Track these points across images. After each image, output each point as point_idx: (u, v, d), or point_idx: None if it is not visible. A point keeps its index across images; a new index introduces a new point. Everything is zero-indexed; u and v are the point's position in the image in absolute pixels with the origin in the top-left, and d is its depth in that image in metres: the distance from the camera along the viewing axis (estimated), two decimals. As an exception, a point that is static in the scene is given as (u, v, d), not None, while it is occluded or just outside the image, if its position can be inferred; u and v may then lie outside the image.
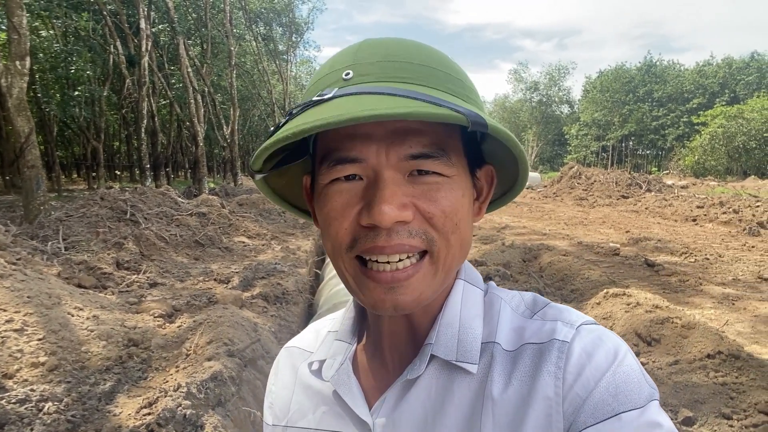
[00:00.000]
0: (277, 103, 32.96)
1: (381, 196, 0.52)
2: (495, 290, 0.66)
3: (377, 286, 0.54)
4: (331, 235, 0.57)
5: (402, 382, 0.61)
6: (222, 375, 2.79)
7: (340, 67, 0.56)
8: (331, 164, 0.56)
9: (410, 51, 0.56)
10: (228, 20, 18.64)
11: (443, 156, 0.55)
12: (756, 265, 7.00)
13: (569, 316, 0.60)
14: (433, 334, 0.61)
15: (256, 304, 4.93)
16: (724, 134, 36.99)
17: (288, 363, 0.76)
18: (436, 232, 0.55)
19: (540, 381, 0.55)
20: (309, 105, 0.53)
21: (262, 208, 13.01)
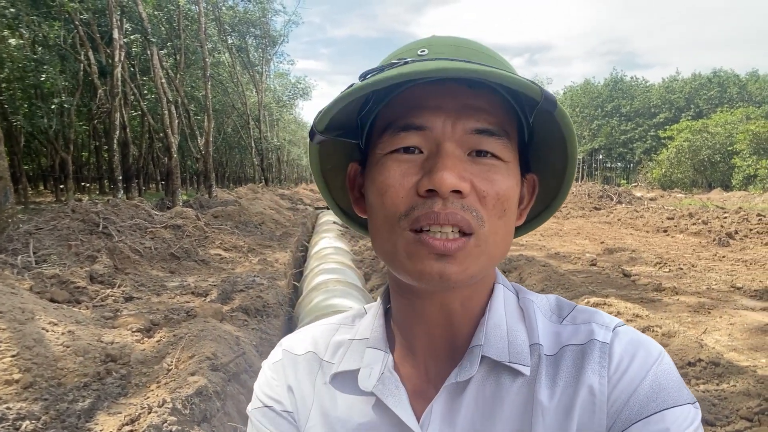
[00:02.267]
0: (251, 114, 32.73)
1: (443, 163, 0.53)
2: (526, 294, 0.67)
3: (428, 254, 0.53)
4: (386, 203, 0.56)
5: (450, 385, 0.59)
6: (207, 390, 2.71)
7: (414, 48, 0.58)
8: (395, 131, 0.56)
9: (478, 44, 0.59)
10: (202, 31, 18.49)
11: (505, 137, 0.56)
12: (728, 274, 7.18)
13: (601, 318, 0.61)
14: (481, 335, 0.60)
15: (237, 317, 4.83)
16: (690, 148, 38.12)
17: (307, 369, 0.69)
18: (486, 212, 0.55)
19: (584, 380, 0.56)
20: (385, 67, 0.53)
21: (238, 221, 12.83)
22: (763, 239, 10.37)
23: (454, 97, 0.54)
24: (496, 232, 0.56)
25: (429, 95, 0.55)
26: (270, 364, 0.71)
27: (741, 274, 7.14)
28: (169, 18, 19.76)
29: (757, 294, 5.92)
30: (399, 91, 0.57)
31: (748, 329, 4.66)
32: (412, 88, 0.56)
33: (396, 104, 0.57)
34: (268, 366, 0.72)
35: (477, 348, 0.59)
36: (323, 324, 0.73)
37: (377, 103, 0.59)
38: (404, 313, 0.63)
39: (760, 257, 8.45)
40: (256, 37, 32.20)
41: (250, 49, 31.92)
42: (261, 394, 0.70)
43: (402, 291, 0.62)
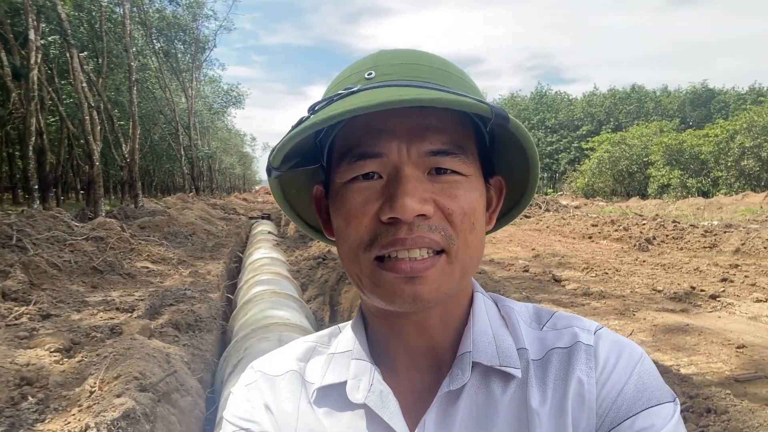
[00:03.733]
0: (181, 121, 31.62)
1: (403, 189, 0.52)
2: (506, 302, 0.67)
3: (396, 278, 0.53)
4: (350, 234, 0.55)
5: (443, 395, 0.58)
6: (135, 412, 2.53)
7: (361, 69, 0.57)
8: (352, 160, 0.55)
9: (428, 57, 0.59)
10: (127, 34, 17.69)
11: (462, 154, 0.56)
12: (649, 278, 7.60)
13: (581, 322, 0.63)
14: (468, 342, 0.59)
15: (167, 333, 4.59)
16: (610, 159, 40.35)
17: (289, 389, 0.65)
18: (454, 230, 0.54)
19: (572, 380, 0.58)
20: (334, 98, 0.53)
21: (167, 231, 12.30)
22: (678, 244, 11.09)
23: (405, 119, 0.54)
24: (467, 247, 0.56)
25: (380, 119, 0.54)
26: (242, 386, 0.67)
27: (660, 278, 7.58)
28: (90, 19, 18.76)
29: (676, 296, 6.30)
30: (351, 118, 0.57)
31: (669, 330, 4.93)
32: (364, 114, 0.54)
33: (349, 130, 0.57)
34: (239, 388, 0.67)
35: (467, 355, 0.59)
36: (299, 343, 0.70)
37: (331, 128, 0.60)
38: (381, 333, 0.63)
39: (676, 261, 9.02)
40: (185, 42, 31.22)
41: (179, 54, 30.87)
42: (233, 418, 0.65)
43: (376, 312, 0.61)
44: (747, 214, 18.24)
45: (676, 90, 61.82)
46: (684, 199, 27.36)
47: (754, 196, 24.25)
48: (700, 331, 4.83)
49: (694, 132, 36.89)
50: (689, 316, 5.48)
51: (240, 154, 79.35)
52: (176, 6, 28.26)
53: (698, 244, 10.74)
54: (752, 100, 45.14)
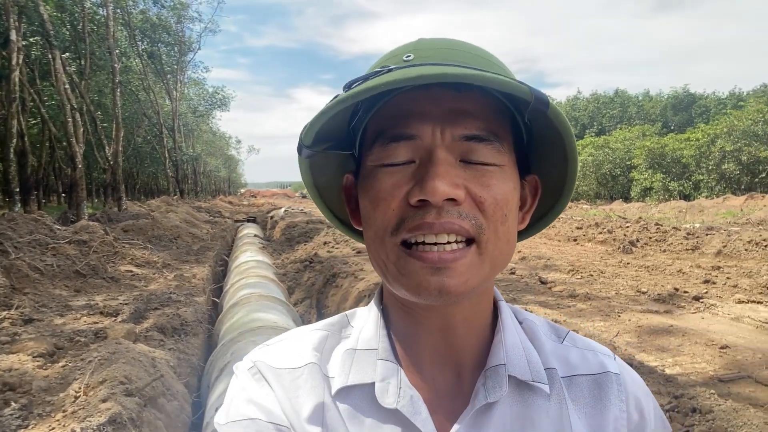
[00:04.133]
0: (165, 124, 31.32)
1: (434, 171, 0.50)
2: (525, 314, 0.67)
3: (423, 267, 0.51)
4: (377, 217, 0.54)
5: (480, 407, 0.56)
6: (121, 417, 2.49)
7: (400, 53, 0.56)
8: (385, 142, 0.54)
9: (468, 44, 0.57)
10: (110, 35, 17.51)
11: (497, 141, 0.54)
12: (633, 279, 7.68)
13: (596, 345, 0.66)
14: (502, 355, 0.58)
15: (152, 337, 4.53)
16: (594, 162, 40.80)
17: (310, 384, 0.60)
18: (485, 219, 0.53)
19: (610, 413, 0.60)
20: (369, 76, 0.51)
21: (151, 235, 12.17)
22: (661, 246, 11.23)
23: (441, 102, 0.53)
24: (498, 239, 0.54)
25: (416, 102, 0.53)
26: (246, 379, 0.61)
27: (644, 279, 7.67)
28: (72, 20, 18.53)
29: (660, 298, 6.37)
30: (387, 99, 0.55)
31: (654, 331, 4.98)
32: (399, 96, 0.54)
33: (384, 113, 0.55)
34: (242, 381, 0.62)
35: (502, 367, 0.58)
36: (309, 332, 0.66)
37: (366, 112, 0.58)
38: (406, 326, 0.60)
39: (659, 263, 9.13)
40: (169, 44, 30.96)
41: (163, 56, 30.60)
42: (242, 403, 0.59)
43: (401, 303, 0.60)
44: (728, 217, 18.54)
45: (658, 94, 62.73)
46: (666, 202, 27.75)
47: (734, 199, 24.66)
48: (684, 332, 4.89)
49: (676, 136, 37.43)
50: (673, 318, 5.55)
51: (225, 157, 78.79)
52: (161, 8, 28.04)
53: (681, 246, 10.89)
54: (732, 105, 45.88)
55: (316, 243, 12.16)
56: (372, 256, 0.57)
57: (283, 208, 26.95)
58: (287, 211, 23.93)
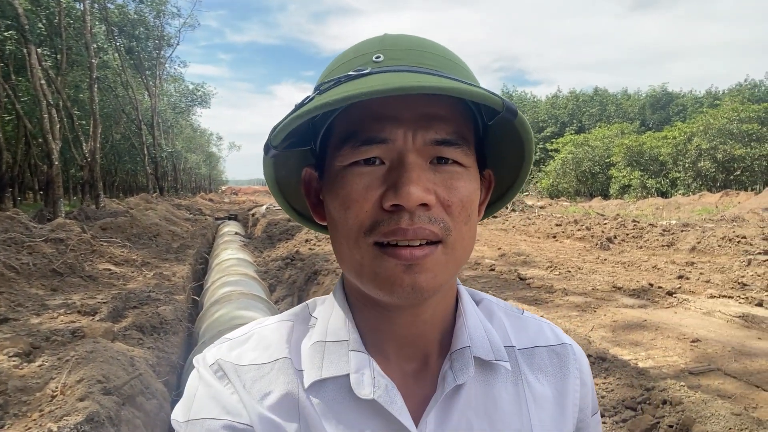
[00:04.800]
0: (144, 120, 30.90)
1: (408, 177, 0.52)
2: (482, 295, 0.71)
3: (396, 265, 0.53)
4: (349, 218, 0.55)
5: (450, 389, 0.59)
6: (99, 415, 2.49)
7: (367, 52, 0.56)
8: (356, 144, 0.54)
9: (432, 44, 0.58)
10: (87, 30, 17.21)
11: (464, 145, 0.56)
12: (609, 275, 7.82)
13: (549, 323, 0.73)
14: (465, 338, 0.61)
15: (131, 336, 4.50)
16: (573, 160, 41.24)
17: (283, 379, 0.60)
18: (452, 221, 0.55)
19: (569, 380, 0.66)
20: (342, 80, 0.52)
21: (130, 233, 12.02)
22: (637, 243, 11.43)
23: (413, 106, 0.54)
24: (462, 238, 0.56)
25: (388, 106, 0.54)
26: (209, 376, 0.60)
27: (620, 275, 7.81)
28: (48, 15, 18.18)
29: (635, 293, 6.51)
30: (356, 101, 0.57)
31: (628, 325, 5.09)
32: (370, 99, 0.54)
33: (354, 114, 0.56)
34: (206, 379, 0.60)
35: (467, 350, 0.60)
36: (275, 324, 0.65)
37: (331, 111, 0.58)
38: (371, 321, 0.62)
39: (636, 259, 9.30)
40: (148, 39, 30.50)
41: (142, 52, 30.15)
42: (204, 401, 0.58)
43: (368, 302, 0.61)
44: (703, 214, 18.93)
45: (637, 93, 63.59)
46: (644, 199, 28.18)
47: (710, 196, 25.14)
48: (657, 327, 5.01)
49: (654, 134, 38.00)
50: (647, 312, 5.67)
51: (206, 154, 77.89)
52: (139, 2, 27.63)
53: (657, 242, 11.10)
54: (709, 104, 46.66)
55: (298, 240, 12.15)
56: (343, 256, 0.57)
57: (265, 205, 26.80)
58: (269, 208, 23.79)
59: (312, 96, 0.53)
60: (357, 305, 0.63)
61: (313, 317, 0.65)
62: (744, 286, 6.83)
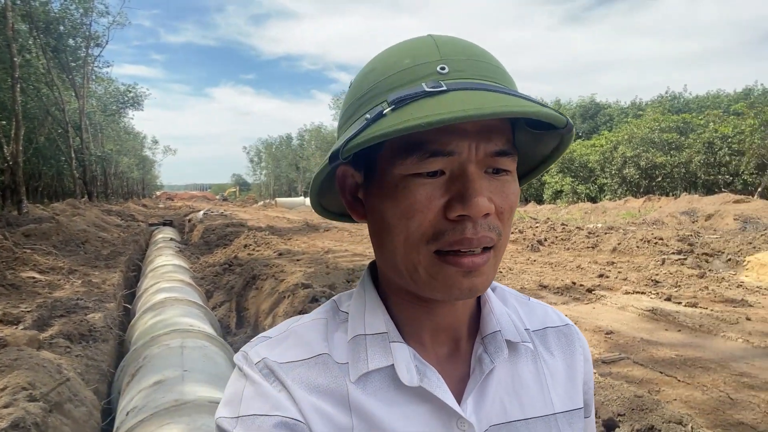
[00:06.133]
0: (71, 122, 29.44)
1: (474, 188, 0.54)
2: (496, 284, 0.75)
3: (457, 272, 0.56)
4: (411, 226, 0.56)
5: (487, 372, 0.63)
6: (25, 421, 2.45)
7: (428, 60, 0.56)
8: (424, 156, 0.55)
9: (483, 52, 0.60)
10: (9, 27, 16.31)
11: (514, 153, 0.59)
12: (537, 275, 8.24)
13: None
14: (495, 323, 0.66)
15: (57, 344, 4.37)
16: (509, 166, 42.49)
17: (326, 373, 0.62)
18: (503, 226, 0.58)
19: (576, 357, 0.72)
20: (419, 95, 0.52)
21: (56, 240, 11.49)
22: (565, 245, 12.05)
23: (477, 120, 0.52)
24: (506, 239, 0.60)
25: (495, 117, 0.53)
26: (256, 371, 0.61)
27: (547, 275, 8.25)
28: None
29: (559, 290, 6.92)
30: None
31: (552, 321, 5.43)
32: None
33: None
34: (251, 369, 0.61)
35: (498, 334, 0.65)
36: (309, 322, 0.67)
37: None
38: (409, 312, 0.65)
39: (562, 260, 9.82)
40: (74, 37, 29.12)
41: (67, 50, 28.73)
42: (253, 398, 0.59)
43: (407, 296, 0.64)
44: (627, 218, 20.11)
45: (568, 103, 66.25)
46: (575, 204, 29.50)
47: (634, 201, 26.60)
48: (576, 320, 5.36)
49: (584, 142, 39.68)
50: (569, 308, 6.05)
51: (139, 158, 74.87)
52: None
53: (583, 244, 11.74)
54: (633, 114, 48.79)
55: (236, 246, 12.00)
56: (399, 261, 0.59)
57: (202, 211, 26.17)
58: (206, 214, 23.27)
59: (383, 110, 0.52)
60: (392, 298, 0.65)
61: (342, 312, 0.67)
62: (656, 283, 7.40)
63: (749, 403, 3.51)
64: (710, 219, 16.32)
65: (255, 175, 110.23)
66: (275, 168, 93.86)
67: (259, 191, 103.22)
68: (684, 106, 49.07)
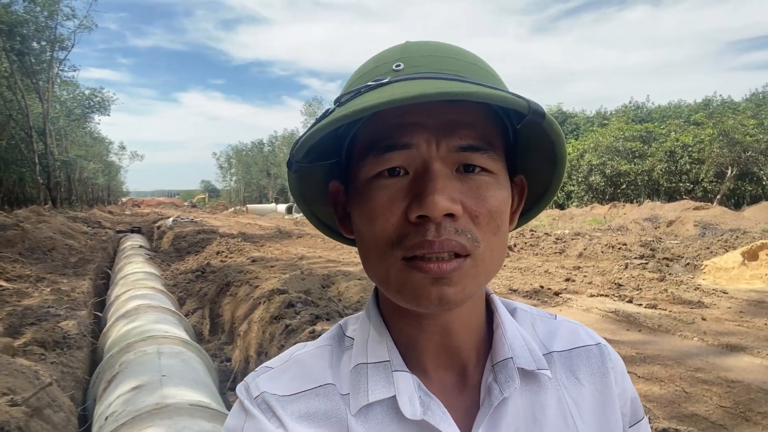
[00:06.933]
0: (35, 126, 28.74)
1: (433, 186, 0.51)
2: (513, 303, 0.70)
3: (424, 278, 0.52)
4: (376, 231, 0.54)
5: (497, 403, 0.57)
6: (9, 425, 2.49)
7: (388, 61, 0.56)
8: (379, 152, 0.54)
9: (456, 50, 0.57)
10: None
11: (491, 150, 0.54)
12: (507, 279, 8.49)
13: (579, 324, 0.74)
14: (506, 348, 0.60)
15: (32, 352, 4.36)
16: (479, 173, 43.08)
17: (329, 405, 0.59)
18: (480, 232, 0.53)
19: (609, 380, 0.64)
20: (362, 90, 0.51)
21: (22, 247, 11.25)
22: (534, 250, 12.39)
23: (435, 113, 0.52)
24: (492, 250, 0.54)
25: (410, 113, 0.53)
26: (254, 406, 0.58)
27: (517, 279, 8.51)
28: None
29: (528, 294, 7.17)
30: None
31: (521, 323, 5.63)
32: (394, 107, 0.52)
33: (376, 123, 0.55)
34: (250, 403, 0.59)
35: (509, 361, 0.59)
36: (313, 349, 0.64)
37: (354, 122, 0.57)
38: (408, 332, 0.61)
39: (531, 265, 10.11)
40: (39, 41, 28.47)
41: (33, 54, 28.06)
42: None
43: (401, 312, 0.60)
44: (593, 224, 20.69)
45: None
46: (543, 211, 30.08)
47: (600, 207, 27.35)
48: (545, 324, 5.58)
49: (551, 150, 40.57)
50: (538, 312, 6.28)
51: (105, 163, 73.20)
52: (29, 2, 25.81)
53: (550, 250, 12.09)
54: (599, 123, 49.79)
55: (209, 252, 11.94)
56: (370, 269, 0.57)
57: (172, 217, 25.81)
58: (176, 221, 22.98)
59: (332, 108, 0.52)
60: (392, 318, 0.62)
61: (347, 338, 0.65)
62: (619, 287, 7.73)
63: (703, 396, 3.76)
64: (671, 225, 16.95)
65: (225, 182, 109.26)
66: (246, 174, 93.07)
67: (229, 197, 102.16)
68: (647, 116, 50.52)
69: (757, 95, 45.66)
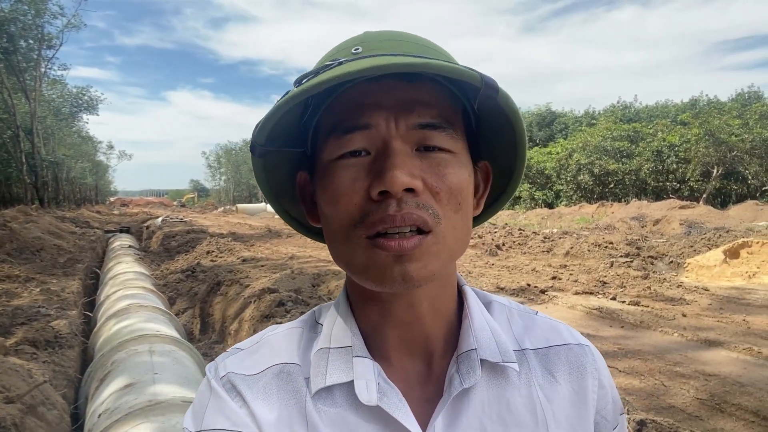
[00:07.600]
0: (22, 126, 28.49)
1: (392, 162, 0.52)
2: (490, 296, 0.69)
3: (386, 257, 0.52)
4: (340, 211, 0.55)
5: (457, 393, 0.57)
6: (5, 421, 2.55)
7: (347, 46, 0.57)
8: (340, 134, 0.55)
9: (415, 36, 0.59)
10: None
11: (450, 128, 0.55)
12: (495, 278, 8.61)
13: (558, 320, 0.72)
14: (472, 339, 0.59)
15: (24, 351, 4.40)
16: (469, 173, 43.18)
17: (292, 388, 0.59)
18: (441, 208, 0.54)
19: (587, 380, 0.63)
20: (320, 71, 0.52)
21: (10, 248, 11.21)
22: (522, 249, 12.53)
23: (394, 92, 0.54)
24: (453, 227, 0.55)
25: (368, 94, 0.54)
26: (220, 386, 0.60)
27: (504, 277, 8.63)
28: None
29: (515, 292, 7.29)
30: (338, 93, 0.56)
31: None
32: (351, 89, 0.55)
33: (336, 107, 0.56)
34: (216, 383, 0.60)
35: (473, 352, 0.58)
36: (284, 331, 0.65)
37: (318, 107, 0.59)
38: (372, 318, 0.61)
39: (519, 263, 10.25)
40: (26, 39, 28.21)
41: (20, 52, 27.80)
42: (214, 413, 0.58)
43: (366, 297, 0.61)
44: (581, 223, 20.91)
45: (526, 111, 67.66)
46: (532, 210, 30.29)
47: (588, 206, 27.51)
48: (531, 321, 5.69)
49: (540, 150, 40.66)
50: (524, 309, 6.40)
51: (93, 163, 72.54)
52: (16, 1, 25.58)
53: (538, 248, 12.24)
54: (587, 123, 49.72)
55: (199, 252, 11.96)
56: (335, 252, 0.57)
57: (161, 217, 25.72)
58: (165, 220, 22.91)
59: (291, 90, 0.52)
60: (358, 306, 0.62)
61: (319, 324, 0.65)
62: (604, 284, 7.88)
63: (680, 389, 3.90)
64: (658, 224, 17.19)
65: (214, 181, 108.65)
66: (235, 173, 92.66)
67: (218, 197, 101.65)
68: (635, 116, 50.78)
69: (743, 95, 46.10)
